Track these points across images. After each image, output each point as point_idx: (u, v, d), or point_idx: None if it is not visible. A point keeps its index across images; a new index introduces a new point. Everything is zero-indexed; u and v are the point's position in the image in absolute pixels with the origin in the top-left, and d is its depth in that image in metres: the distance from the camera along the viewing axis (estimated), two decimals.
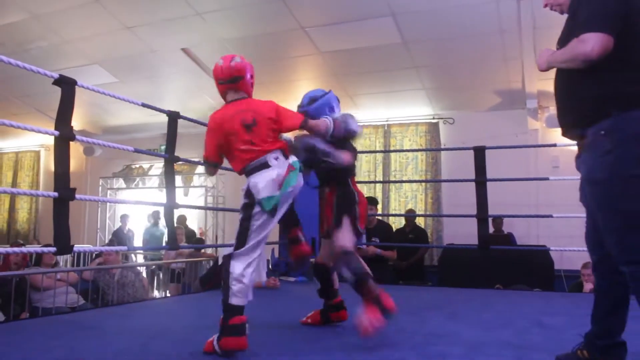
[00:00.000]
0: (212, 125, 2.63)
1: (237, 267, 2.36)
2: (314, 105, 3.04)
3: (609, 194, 1.92)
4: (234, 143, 2.55)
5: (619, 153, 1.88)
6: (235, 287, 2.33)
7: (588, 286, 5.51)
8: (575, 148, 2.17)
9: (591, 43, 1.86)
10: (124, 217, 10.01)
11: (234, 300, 2.32)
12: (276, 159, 2.53)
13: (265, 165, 2.50)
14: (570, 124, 2.09)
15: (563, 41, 2.07)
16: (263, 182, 2.45)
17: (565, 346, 2.54)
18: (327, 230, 3.07)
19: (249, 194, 2.49)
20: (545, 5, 2.25)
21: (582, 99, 2.01)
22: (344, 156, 2.88)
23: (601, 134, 1.93)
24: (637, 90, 1.90)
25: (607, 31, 1.85)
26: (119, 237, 9.56)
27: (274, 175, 2.46)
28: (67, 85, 3.17)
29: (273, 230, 5.91)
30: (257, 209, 2.46)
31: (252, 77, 2.71)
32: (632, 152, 1.87)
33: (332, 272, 3.13)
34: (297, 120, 2.68)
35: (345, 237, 2.86)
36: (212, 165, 2.75)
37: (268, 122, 2.57)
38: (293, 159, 2.55)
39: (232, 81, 2.66)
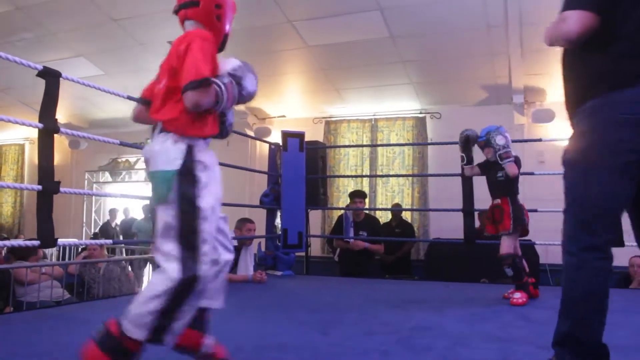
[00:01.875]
0: None
1: None
2: (490, 135, 3.87)
3: (573, 177, 1.84)
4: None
5: (593, 138, 1.77)
6: None
7: None
8: (561, 143, 2.14)
9: (570, 21, 1.74)
10: (112, 211, 9.97)
11: None
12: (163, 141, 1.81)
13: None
14: (568, 106, 1.96)
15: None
16: None
17: (549, 339, 2.57)
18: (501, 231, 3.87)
19: None
20: None
21: (574, 79, 1.91)
22: (513, 167, 3.80)
23: (584, 114, 1.81)
24: (622, 69, 1.74)
25: (588, 8, 1.72)
26: (107, 231, 9.52)
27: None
28: (51, 78, 3.14)
29: (260, 225, 5.90)
30: None
31: (219, 7, 1.98)
32: (607, 137, 1.73)
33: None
34: (193, 69, 1.72)
35: (511, 244, 3.79)
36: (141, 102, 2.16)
37: (167, 71, 1.86)
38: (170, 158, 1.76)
39: (184, 6, 1.99)
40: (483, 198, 4.36)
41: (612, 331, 2.48)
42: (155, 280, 1.68)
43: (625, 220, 4.67)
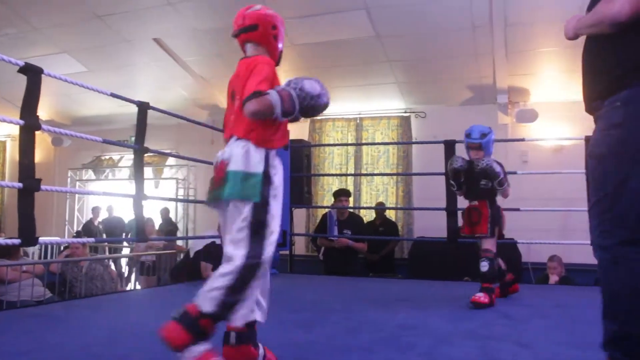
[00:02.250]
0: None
1: None
2: (485, 139, 3.83)
3: (604, 171, 1.71)
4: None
5: (630, 128, 1.63)
6: None
7: (553, 278, 5.63)
8: (544, 143, 2.08)
9: (620, 2, 1.61)
10: (95, 209, 9.88)
11: None
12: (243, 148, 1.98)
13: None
14: (589, 96, 1.84)
15: (592, 4, 1.80)
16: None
17: (529, 336, 2.60)
18: (476, 232, 3.82)
19: None
20: None
21: (603, 67, 1.77)
22: (509, 190, 3.85)
23: (616, 105, 1.68)
24: None
25: None
26: (89, 229, 9.44)
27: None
28: (32, 74, 3.11)
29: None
30: None
31: (275, 28, 2.21)
32: None
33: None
34: (251, 87, 1.93)
35: (492, 243, 3.74)
36: None
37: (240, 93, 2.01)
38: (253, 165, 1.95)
39: (244, 31, 2.17)
40: None
41: (592, 329, 2.50)
42: (226, 264, 1.87)
43: None
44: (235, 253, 1.86)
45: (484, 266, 3.63)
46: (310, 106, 2.00)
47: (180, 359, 1.78)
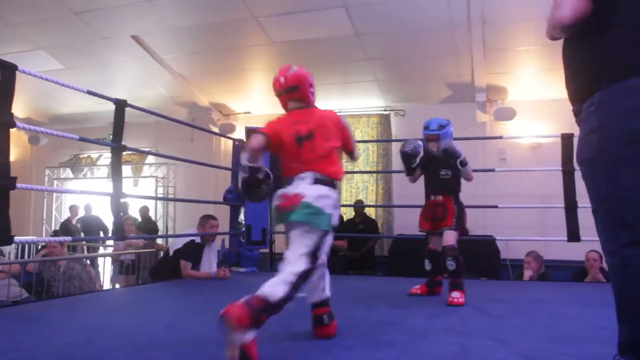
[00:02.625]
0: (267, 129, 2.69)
1: None
2: (443, 131, 3.90)
3: (595, 176, 1.73)
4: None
5: (605, 131, 1.66)
6: None
7: (527, 273, 5.69)
8: (522, 141, 2.09)
9: (564, 7, 1.67)
10: (73, 208, 9.76)
11: None
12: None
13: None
14: (571, 99, 1.87)
15: None
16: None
17: (507, 332, 2.63)
18: (440, 228, 3.85)
19: None
20: None
21: (576, 70, 1.82)
22: (471, 173, 3.93)
23: (591, 109, 1.72)
24: (626, 57, 1.66)
25: None
26: (67, 228, 9.32)
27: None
28: (6, 70, 3.07)
29: (224, 221, 5.87)
30: None
31: (311, 86, 2.75)
32: (619, 129, 1.63)
33: (440, 256, 3.92)
34: (353, 145, 2.82)
35: (454, 238, 3.76)
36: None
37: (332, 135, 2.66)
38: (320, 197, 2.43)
39: (288, 91, 2.68)
40: None
41: (569, 324, 2.56)
42: (289, 269, 2.26)
43: (582, 216, 4.78)
44: (299, 261, 2.30)
45: (451, 265, 3.69)
46: None
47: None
